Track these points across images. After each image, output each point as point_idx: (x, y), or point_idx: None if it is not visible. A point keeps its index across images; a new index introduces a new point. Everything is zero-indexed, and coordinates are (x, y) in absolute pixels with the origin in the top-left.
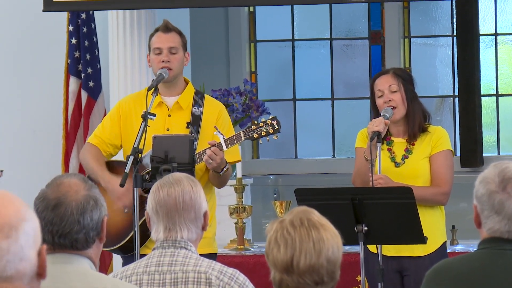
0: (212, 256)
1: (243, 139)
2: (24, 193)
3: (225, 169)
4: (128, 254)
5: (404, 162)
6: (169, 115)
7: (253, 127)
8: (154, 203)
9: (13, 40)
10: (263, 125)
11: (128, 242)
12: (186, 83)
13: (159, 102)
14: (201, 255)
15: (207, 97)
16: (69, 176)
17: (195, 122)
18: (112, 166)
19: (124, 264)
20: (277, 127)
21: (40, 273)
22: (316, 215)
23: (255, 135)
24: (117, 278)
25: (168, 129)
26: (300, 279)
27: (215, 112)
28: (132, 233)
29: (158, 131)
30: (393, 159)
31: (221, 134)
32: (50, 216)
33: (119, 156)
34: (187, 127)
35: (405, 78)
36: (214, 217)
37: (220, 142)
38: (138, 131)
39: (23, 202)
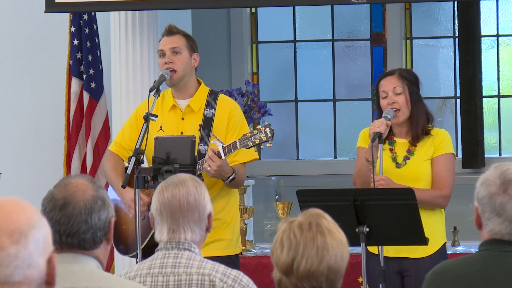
0: (235, 258)
1: (238, 147)
2: (26, 194)
3: (231, 177)
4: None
5: (406, 163)
6: (183, 118)
7: (248, 134)
8: (158, 204)
9: (14, 41)
10: (257, 133)
11: (146, 248)
12: (199, 84)
13: (173, 105)
14: (224, 256)
15: (221, 97)
16: (77, 177)
17: (206, 124)
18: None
19: None
20: (270, 134)
21: (49, 281)
22: (326, 220)
23: (250, 143)
24: None
25: (182, 133)
26: (298, 283)
27: (226, 113)
28: (149, 237)
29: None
30: (394, 159)
31: (220, 142)
32: (57, 215)
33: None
34: (199, 130)
35: (410, 80)
36: (237, 216)
37: (218, 150)
38: (153, 134)
39: (35, 209)
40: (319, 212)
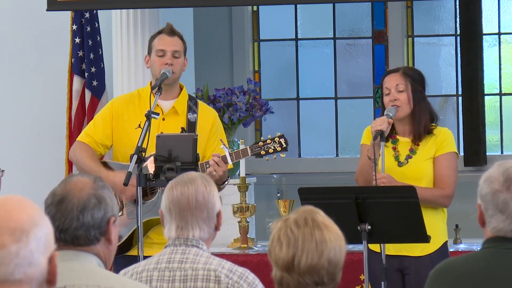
0: None
1: (249, 154)
2: (28, 193)
3: (226, 182)
4: (117, 256)
5: (408, 162)
6: (163, 119)
7: (261, 143)
8: (167, 201)
9: (17, 39)
10: (271, 143)
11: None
12: (181, 88)
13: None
14: None
15: (200, 103)
16: (80, 175)
17: (190, 128)
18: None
19: (115, 266)
20: (284, 145)
21: (50, 279)
22: (321, 216)
23: (262, 152)
24: (128, 274)
25: (162, 133)
26: (300, 279)
27: (209, 120)
28: (126, 236)
29: (151, 135)
30: (396, 158)
31: (227, 148)
32: (53, 211)
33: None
34: (181, 133)
35: (414, 78)
36: None
37: (224, 155)
38: (130, 132)
39: (37, 207)
40: (312, 209)
